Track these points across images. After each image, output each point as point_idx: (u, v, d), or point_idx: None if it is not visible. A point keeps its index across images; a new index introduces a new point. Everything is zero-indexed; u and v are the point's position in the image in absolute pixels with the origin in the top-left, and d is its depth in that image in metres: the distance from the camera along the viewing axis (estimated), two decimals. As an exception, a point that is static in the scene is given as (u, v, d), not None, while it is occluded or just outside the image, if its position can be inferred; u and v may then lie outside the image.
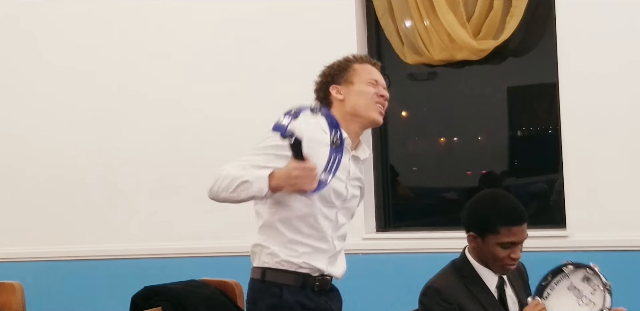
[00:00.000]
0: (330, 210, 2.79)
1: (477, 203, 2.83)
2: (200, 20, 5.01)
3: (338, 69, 2.91)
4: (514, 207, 2.78)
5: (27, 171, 5.29)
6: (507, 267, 2.76)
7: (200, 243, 4.90)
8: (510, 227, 2.71)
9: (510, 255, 2.73)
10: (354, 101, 2.86)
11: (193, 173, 4.93)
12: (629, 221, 4.26)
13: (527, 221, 2.76)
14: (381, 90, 2.90)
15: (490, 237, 2.72)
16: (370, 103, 2.86)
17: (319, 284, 2.80)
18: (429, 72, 4.90)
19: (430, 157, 5.06)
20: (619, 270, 4.14)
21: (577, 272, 2.77)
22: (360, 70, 2.90)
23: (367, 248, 4.64)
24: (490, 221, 2.73)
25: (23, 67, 5.31)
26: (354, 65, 2.91)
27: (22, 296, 3.74)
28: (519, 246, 2.75)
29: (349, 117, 2.85)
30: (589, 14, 4.34)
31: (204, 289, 3.77)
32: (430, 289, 2.76)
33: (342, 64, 2.92)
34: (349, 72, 2.89)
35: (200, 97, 4.99)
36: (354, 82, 2.87)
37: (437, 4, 4.57)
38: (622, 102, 4.30)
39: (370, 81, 2.88)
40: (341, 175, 2.78)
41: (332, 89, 2.88)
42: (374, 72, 2.92)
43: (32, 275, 4.92)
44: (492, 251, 2.73)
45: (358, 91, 2.86)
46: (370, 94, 2.86)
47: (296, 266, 2.76)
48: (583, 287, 2.74)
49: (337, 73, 2.90)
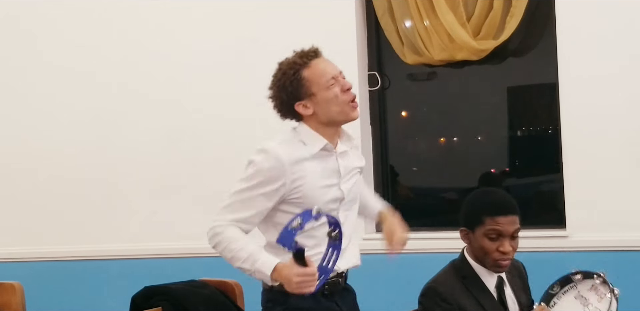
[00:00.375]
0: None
1: (468, 199, 2.86)
2: (200, 20, 5.01)
3: (291, 85, 2.75)
4: (499, 198, 2.80)
5: (27, 171, 5.29)
6: (499, 262, 2.73)
7: (200, 243, 4.83)
8: (494, 216, 2.71)
9: (498, 248, 2.71)
10: (326, 111, 2.76)
11: (193, 173, 4.94)
12: (629, 221, 4.26)
13: (515, 213, 2.74)
14: (343, 83, 2.77)
15: (478, 229, 2.74)
16: (343, 107, 2.76)
17: (328, 287, 2.80)
18: (429, 72, 4.90)
19: (430, 157, 5.06)
20: (619, 270, 4.13)
21: (585, 282, 2.76)
22: (312, 76, 2.75)
23: (367, 248, 4.61)
24: (476, 213, 2.75)
25: (23, 67, 5.31)
26: (302, 74, 2.75)
27: (22, 296, 3.73)
28: (507, 238, 2.72)
29: (325, 126, 2.80)
30: (589, 14, 4.34)
31: (204, 289, 3.77)
32: (429, 290, 2.75)
33: (292, 78, 2.75)
34: (303, 85, 2.75)
35: (200, 97, 4.99)
36: (315, 93, 2.75)
37: (437, 4, 4.57)
38: (622, 103, 4.30)
39: (329, 83, 2.75)
40: (329, 181, 2.78)
41: (298, 107, 2.77)
42: (325, 69, 2.78)
43: (32, 275, 4.92)
44: (480, 244, 2.73)
45: (325, 101, 2.75)
46: (338, 98, 2.75)
47: None
48: (590, 295, 2.73)
49: (293, 90, 2.75)
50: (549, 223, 4.53)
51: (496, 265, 2.75)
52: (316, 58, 2.80)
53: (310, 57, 2.79)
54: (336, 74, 2.78)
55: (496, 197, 2.82)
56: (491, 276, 2.79)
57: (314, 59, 2.79)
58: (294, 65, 2.78)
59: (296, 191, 2.73)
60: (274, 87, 2.80)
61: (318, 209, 2.45)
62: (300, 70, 2.76)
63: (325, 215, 2.51)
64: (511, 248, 2.73)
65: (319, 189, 2.76)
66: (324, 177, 2.78)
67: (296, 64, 2.78)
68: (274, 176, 2.69)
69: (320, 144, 2.78)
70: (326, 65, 2.80)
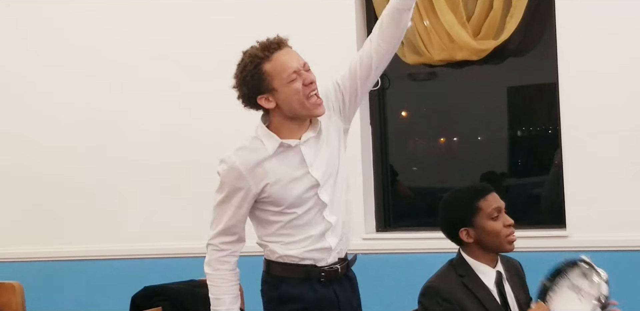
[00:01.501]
0: (310, 198, 2.78)
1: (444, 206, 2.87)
2: (199, 21, 5.01)
3: (252, 79, 2.71)
4: (473, 185, 2.97)
5: (27, 171, 5.29)
6: (511, 237, 2.78)
7: (200, 243, 4.87)
8: (485, 196, 2.78)
9: (505, 224, 2.77)
10: (288, 105, 2.73)
11: (192, 173, 4.94)
12: (629, 221, 4.26)
13: (493, 190, 2.82)
14: (305, 77, 2.71)
15: (478, 218, 2.76)
16: (305, 101, 2.71)
17: (325, 274, 2.80)
18: (429, 72, 4.90)
19: (430, 157, 5.06)
20: (619, 270, 4.14)
21: (574, 269, 2.77)
22: (272, 70, 2.69)
23: (367, 248, 4.64)
24: (467, 205, 2.78)
25: (22, 68, 5.31)
26: (263, 67, 2.69)
27: (22, 296, 3.74)
28: (503, 212, 2.79)
29: (290, 119, 2.77)
30: (589, 14, 4.34)
31: (204, 289, 3.75)
32: (429, 289, 2.76)
33: (252, 72, 2.70)
34: (264, 79, 2.70)
35: (200, 97, 4.99)
36: (276, 88, 2.70)
37: (437, 4, 4.57)
38: (622, 103, 4.30)
39: (290, 77, 2.69)
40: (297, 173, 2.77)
41: (260, 100, 2.73)
42: (286, 62, 2.70)
43: (32, 275, 4.93)
44: (488, 229, 2.76)
45: (287, 96, 2.71)
46: (299, 93, 2.69)
47: (297, 259, 2.77)
48: (581, 283, 2.73)
49: (254, 84, 2.71)
50: (549, 223, 4.53)
51: (509, 240, 2.79)
52: (279, 50, 2.72)
53: (272, 50, 2.71)
54: (298, 68, 2.71)
55: (469, 186, 2.93)
56: (490, 272, 2.80)
57: (276, 52, 2.71)
58: (255, 58, 2.71)
59: (263, 192, 2.75)
60: (236, 79, 2.77)
61: None
62: (261, 64, 2.70)
63: None
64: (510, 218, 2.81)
65: (286, 185, 2.75)
66: (290, 171, 2.77)
67: (257, 57, 2.71)
68: (237, 185, 2.74)
69: (275, 143, 2.76)
70: (288, 58, 2.71)
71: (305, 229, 2.78)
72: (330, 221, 2.81)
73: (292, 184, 2.77)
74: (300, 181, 2.78)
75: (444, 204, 2.88)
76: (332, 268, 2.82)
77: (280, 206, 2.77)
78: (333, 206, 2.83)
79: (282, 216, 2.78)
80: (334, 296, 2.83)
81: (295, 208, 2.77)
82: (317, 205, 2.79)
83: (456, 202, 2.83)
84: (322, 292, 2.79)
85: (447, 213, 2.85)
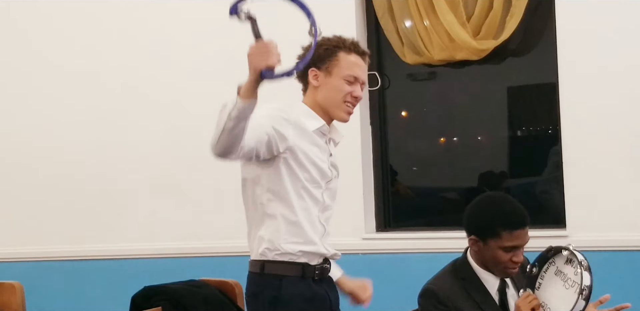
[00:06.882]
0: (316, 190, 2.79)
1: (478, 206, 2.82)
2: (200, 21, 5.01)
3: (324, 52, 2.80)
4: (515, 210, 2.77)
5: (27, 171, 5.29)
6: (509, 271, 2.75)
7: (200, 243, 4.90)
8: (512, 231, 2.70)
9: (512, 259, 2.72)
10: (326, 94, 2.81)
11: (193, 173, 4.94)
12: (629, 221, 4.26)
13: (528, 224, 2.74)
14: (357, 90, 2.82)
15: (492, 241, 2.71)
16: (340, 103, 2.80)
17: (318, 272, 2.80)
18: (429, 72, 4.89)
19: (430, 157, 5.06)
20: (619, 270, 4.15)
21: (559, 256, 2.77)
22: (343, 61, 2.81)
23: (367, 248, 4.64)
24: (491, 225, 2.71)
25: (24, 68, 5.31)
26: (339, 53, 2.82)
27: (22, 296, 3.74)
28: (520, 249, 2.73)
29: (319, 107, 2.83)
30: (589, 14, 4.34)
31: (204, 289, 3.77)
32: (427, 291, 2.75)
33: (330, 49, 2.82)
34: (332, 61, 2.81)
35: (200, 97, 4.98)
36: (332, 74, 2.81)
37: (437, 4, 4.57)
38: (622, 103, 4.30)
39: (348, 78, 2.80)
40: (323, 156, 2.80)
41: (311, 73, 2.82)
42: (356, 67, 2.82)
43: (32, 275, 4.93)
44: (493, 255, 2.72)
45: (332, 86, 2.80)
46: (343, 93, 2.80)
47: (294, 256, 2.77)
48: (567, 270, 2.72)
49: (321, 57, 2.80)
50: (549, 223, 4.53)
51: (506, 272, 2.76)
52: (359, 56, 2.85)
53: (356, 51, 2.85)
54: (360, 77, 2.83)
55: (511, 208, 2.78)
56: (493, 279, 2.79)
57: (356, 54, 2.84)
58: (341, 43, 2.84)
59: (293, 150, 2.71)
60: (312, 40, 2.74)
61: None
62: (341, 49, 2.82)
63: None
64: (522, 256, 2.74)
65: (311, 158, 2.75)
66: (320, 153, 2.80)
67: (343, 44, 2.83)
68: (278, 124, 2.67)
69: (318, 123, 2.80)
70: (360, 65, 2.85)
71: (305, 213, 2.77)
72: (324, 225, 2.84)
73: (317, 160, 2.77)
74: (324, 163, 2.80)
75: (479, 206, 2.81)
76: (323, 267, 2.83)
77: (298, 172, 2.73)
78: (327, 213, 2.86)
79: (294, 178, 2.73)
80: (327, 295, 2.84)
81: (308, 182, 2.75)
82: (318, 201, 2.81)
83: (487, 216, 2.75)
84: (317, 291, 2.80)
85: (474, 216, 2.80)
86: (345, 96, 2.80)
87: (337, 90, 2.80)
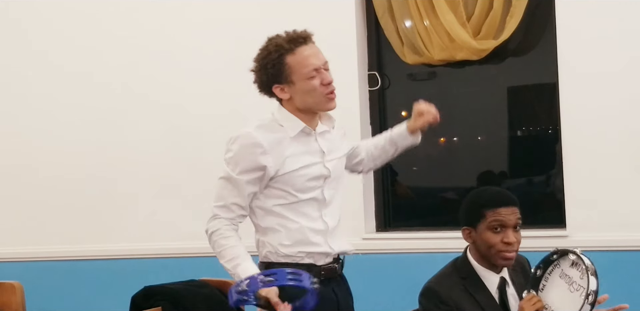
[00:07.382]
0: (314, 192, 2.80)
1: (465, 199, 2.87)
2: (200, 21, 5.01)
3: (272, 67, 2.74)
4: (497, 191, 2.84)
5: (27, 171, 5.28)
6: (504, 254, 2.72)
7: (200, 243, 4.85)
8: (495, 209, 2.72)
9: (503, 240, 2.71)
10: (302, 99, 2.77)
11: (193, 173, 4.94)
12: (629, 221, 4.26)
13: (515, 204, 2.75)
14: (324, 77, 2.75)
15: (480, 225, 2.73)
16: (320, 99, 2.77)
17: (324, 273, 2.80)
18: (429, 72, 4.89)
19: (430, 157, 5.06)
20: (619, 270, 4.15)
21: (565, 258, 2.76)
22: (294, 64, 2.73)
23: (367, 248, 4.64)
24: (476, 209, 2.75)
25: (23, 68, 5.31)
26: (286, 59, 2.73)
27: (22, 296, 3.74)
28: (509, 229, 2.72)
29: (301, 111, 2.81)
30: (589, 14, 4.35)
31: (204, 289, 3.77)
32: (429, 290, 2.75)
33: (274, 61, 2.74)
34: (284, 70, 2.73)
35: (200, 97, 4.99)
36: (295, 81, 2.74)
37: (437, 4, 4.57)
38: (622, 103, 4.30)
39: (310, 74, 2.73)
40: (314, 158, 2.80)
41: (275, 90, 2.78)
42: (308, 59, 2.74)
43: (32, 275, 4.93)
44: (485, 239, 2.72)
45: (302, 91, 2.75)
46: (316, 90, 2.75)
47: (297, 258, 2.77)
48: (573, 273, 2.70)
49: (274, 72, 2.74)
50: (549, 223, 4.53)
51: (502, 257, 2.73)
52: (304, 45, 2.76)
53: (298, 43, 2.76)
54: (319, 65, 2.76)
55: (494, 191, 2.86)
56: (493, 277, 2.78)
57: (301, 46, 2.75)
58: (280, 48, 2.74)
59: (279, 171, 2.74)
60: (257, 63, 2.79)
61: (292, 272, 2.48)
62: (284, 55, 2.74)
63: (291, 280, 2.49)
64: (515, 239, 2.72)
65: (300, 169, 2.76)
66: (309, 156, 2.79)
67: (282, 48, 2.74)
68: (257, 162, 2.71)
69: (298, 126, 2.79)
70: (311, 54, 2.76)
71: (303, 218, 2.78)
72: (327, 222, 2.82)
73: (306, 169, 2.77)
74: (310, 168, 2.79)
75: (466, 198, 2.86)
76: (331, 267, 2.83)
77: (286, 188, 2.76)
78: (331, 207, 2.84)
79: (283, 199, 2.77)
80: (334, 296, 2.84)
81: (300, 193, 2.77)
82: (317, 200, 2.80)
83: (472, 203, 2.81)
84: (323, 292, 2.79)
85: (462, 207, 2.84)
86: (320, 90, 2.76)
87: (309, 91, 2.76)
